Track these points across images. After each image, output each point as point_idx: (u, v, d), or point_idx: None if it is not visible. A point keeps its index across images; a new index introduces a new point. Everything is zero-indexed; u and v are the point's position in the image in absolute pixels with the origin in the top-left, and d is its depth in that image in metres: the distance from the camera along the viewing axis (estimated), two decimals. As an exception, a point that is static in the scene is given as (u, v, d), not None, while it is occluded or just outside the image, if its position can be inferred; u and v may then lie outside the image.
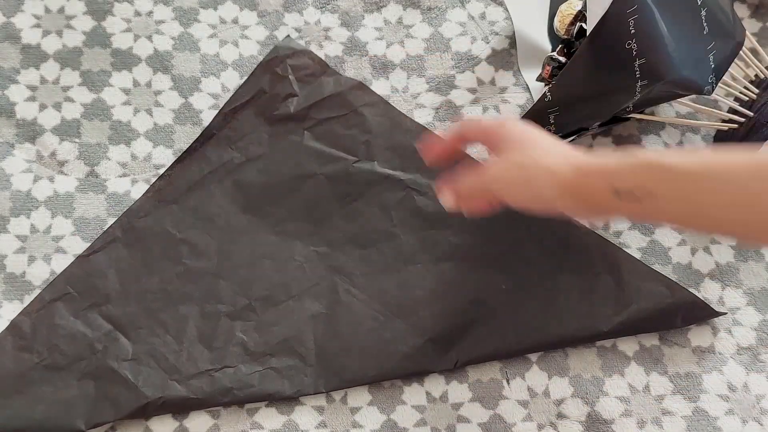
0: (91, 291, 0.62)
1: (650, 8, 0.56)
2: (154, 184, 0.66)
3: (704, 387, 0.63)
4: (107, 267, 0.63)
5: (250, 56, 0.72)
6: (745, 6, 0.75)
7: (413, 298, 0.63)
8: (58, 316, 0.61)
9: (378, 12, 0.75)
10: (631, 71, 0.57)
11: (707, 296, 0.66)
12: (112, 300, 0.62)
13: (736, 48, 0.63)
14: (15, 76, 0.70)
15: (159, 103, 0.70)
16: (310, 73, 0.69)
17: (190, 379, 0.60)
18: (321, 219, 0.65)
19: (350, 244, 0.64)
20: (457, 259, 0.64)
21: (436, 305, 0.63)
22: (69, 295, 0.62)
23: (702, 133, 0.71)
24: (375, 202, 0.65)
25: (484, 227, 0.64)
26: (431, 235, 0.65)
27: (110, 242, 0.64)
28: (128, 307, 0.62)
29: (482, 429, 0.61)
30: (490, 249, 0.64)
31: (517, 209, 0.51)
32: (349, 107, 0.68)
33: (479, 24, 0.75)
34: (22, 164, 0.67)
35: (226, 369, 0.60)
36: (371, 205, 0.65)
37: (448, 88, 0.72)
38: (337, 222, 0.65)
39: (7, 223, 0.65)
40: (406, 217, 0.65)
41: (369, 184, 0.66)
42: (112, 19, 0.72)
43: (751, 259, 0.67)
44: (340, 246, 0.64)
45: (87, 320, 0.61)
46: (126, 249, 0.64)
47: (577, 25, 0.67)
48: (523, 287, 0.63)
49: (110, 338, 0.61)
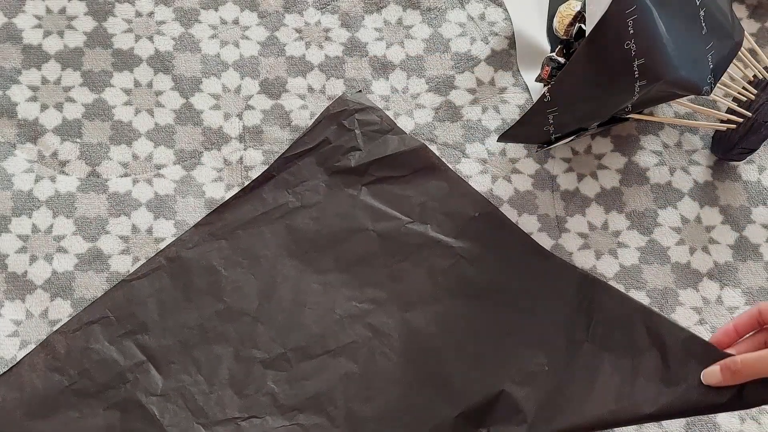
0: (129, 318, 0.62)
1: (649, 9, 0.56)
2: (207, 217, 0.66)
3: (703, 386, 0.63)
4: (148, 295, 0.62)
5: (251, 56, 0.72)
6: (743, 6, 0.76)
7: (449, 367, 0.60)
8: (93, 339, 0.61)
9: (378, 13, 0.75)
10: (630, 71, 0.57)
11: (706, 295, 0.66)
12: (149, 329, 0.61)
13: (735, 48, 0.63)
14: (16, 77, 0.70)
15: (160, 104, 0.70)
16: (376, 130, 0.69)
17: (215, 425, 0.58)
18: (367, 275, 0.63)
19: (393, 304, 0.62)
20: (501, 334, 0.61)
21: (472, 378, 0.59)
22: (107, 319, 0.62)
23: (700, 134, 0.72)
24: (423, 265, 0.63)
25: (532, 305, 0.62)
26: (476, 305, 0.62)
27: (155, 269, 0.64)
28: (164, 339, 0.61)
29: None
30: (536, 328, 0.61)
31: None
32: (410, 168, 0.67)
33: (479, 24, 0.75)
34: (24, 164, 0.67)
35: (253, 419, 0.58)
36: (419, 267, 0.63)
37: (448, 88, 0.73)
38: (382, 280, 0.63)
39: (8, 222, 0.65)
40: (452, 284, 0.63)
41: (419, 247, 0.64)
42: (113, 20, 0.73)
43: (749, 259, 0.67)
44: (382, 305, 0.62)
45: (121, 347, 0.60)
46: (169, 279, 0.63)
47: (576, 25, 0.67)
48: (566, 367, 0.58)
49: (142, 369, 0.60)
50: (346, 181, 0.67)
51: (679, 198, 0.69)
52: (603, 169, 0.70)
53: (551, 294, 0.61)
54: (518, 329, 0.61)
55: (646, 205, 0.69)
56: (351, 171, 0.67)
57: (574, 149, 0.71)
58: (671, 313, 0.65)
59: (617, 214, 0.69)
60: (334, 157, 0.68)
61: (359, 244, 0.65)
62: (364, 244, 0.65)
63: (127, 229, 0.66)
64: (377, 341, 0.61)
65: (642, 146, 0.71)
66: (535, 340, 0.60)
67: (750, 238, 0.68)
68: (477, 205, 0.66)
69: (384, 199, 0.66)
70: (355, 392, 0.59)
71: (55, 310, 0.63)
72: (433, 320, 0.62)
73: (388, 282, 0.63)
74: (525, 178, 0.70)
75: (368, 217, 0.66)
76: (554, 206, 0.69)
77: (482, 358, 0.60)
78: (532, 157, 0.70)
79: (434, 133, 0.71)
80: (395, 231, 0.65)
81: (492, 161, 0.70)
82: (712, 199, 0.69)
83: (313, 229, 0.65)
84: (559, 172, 0.70)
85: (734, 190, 0.70)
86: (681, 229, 0.68)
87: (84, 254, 0.65)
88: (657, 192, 0.69)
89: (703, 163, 0.71)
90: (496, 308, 0.62)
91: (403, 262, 0.64)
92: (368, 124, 0.69)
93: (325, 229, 0.65)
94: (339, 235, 0.65)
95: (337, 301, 0.63)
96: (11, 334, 0.62)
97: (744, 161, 0.70)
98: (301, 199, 0.66)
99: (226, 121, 0.70)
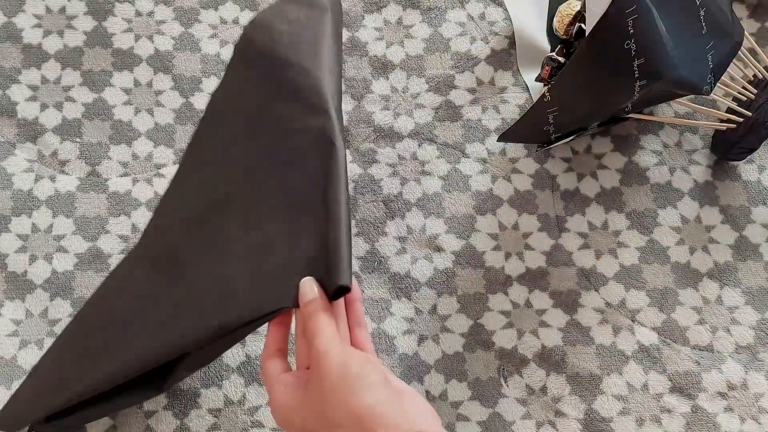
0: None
1: (649, 8, 0.56)
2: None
3: (703, 385, 0.63)
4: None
5: (251, 56, 0.72)
6: (743, 6, 0.76)
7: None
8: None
9: (378, 12, 0.75)
10: (630, 71, 0.57)
11: (706, 295, 0.66)
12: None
13: (735, 48, 0.63)
14: (16, 76, 0.70)
15: (160, 103, 0.70)
16: None
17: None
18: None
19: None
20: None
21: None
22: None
23: (700, 133, 0.72)
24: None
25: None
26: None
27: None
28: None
29: (481, 427, 0.61)
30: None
31: None
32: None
33: (479, 24, 0.75)
34: (24, 164, 0.67)
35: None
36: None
37: (448, 88, 0.72)
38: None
39: (8, 222, 0.65)
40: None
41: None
42: (113, 19, 0.72)
43: (749, 259, 0.67)
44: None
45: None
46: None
47: (576, 25, 0.67)
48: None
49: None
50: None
51: (679, 198, 0.69)
52: (603, 169, 0.70)
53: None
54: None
55: (646, 204, 0.69)
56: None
57: (574, 149, 0.71)
58: (671, 313, 0.65)
59: (617, 214, 0.69)
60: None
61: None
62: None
63: (127, 228, 0.66)
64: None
65: (642, 146, 0.71)
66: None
67: (750, 238, 0.68)
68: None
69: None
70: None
71: (54, 309, 0.63)
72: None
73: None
74: (525, 177, 0.70)
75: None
76: (554, 206, 0.69)
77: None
78: (532, 157, 0.70)
79: (434, 133, 0.71)
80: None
81: (492, 161, 0.70)
82: (712, 199, 0.69)
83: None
84: (559, 171, 0.70)
85: (734, 190, 0.70)
86: (681, 229, 0.68)
87: (84, 254, 0.65)
88: (657, 192, 0.69)
89: (703, 162, 0.71)
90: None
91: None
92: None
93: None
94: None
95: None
96: (11, 334, 0.62)
97: (744, 161, 0.70)
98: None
99: (226, 120, 0.70)
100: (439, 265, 0.66)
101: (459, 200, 0.69)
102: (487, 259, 0.67)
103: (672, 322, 0.65)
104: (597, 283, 0.66)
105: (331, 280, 0.45)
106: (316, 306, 0.44)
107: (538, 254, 0.67)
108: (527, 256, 0.67)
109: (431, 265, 0.66)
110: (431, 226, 0.68)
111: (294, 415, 0.43)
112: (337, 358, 0.42)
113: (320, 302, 0.44)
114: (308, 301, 0.45)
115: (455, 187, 0.69)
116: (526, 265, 0.67)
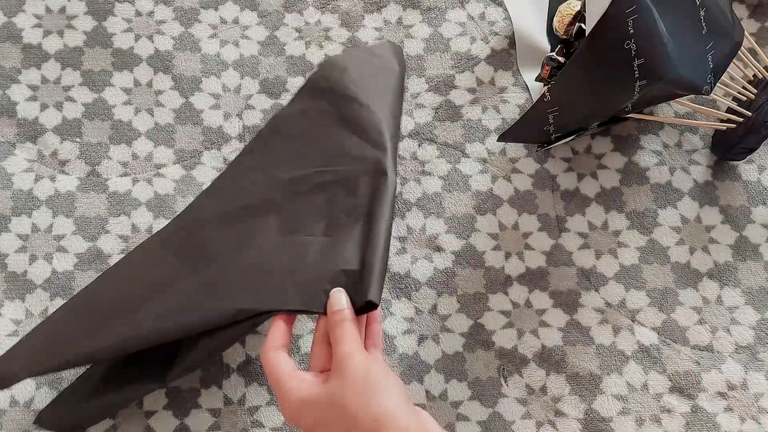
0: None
1: (649, 8, 0.56)
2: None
3: (703, 385, 0.63)
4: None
5: (251, 56, 0.72)
6: (743, 6, 0.76)
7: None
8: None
9: (378, 12, 0.75)
10: (630, 71, 0.57)
11: (706, 295, 0.66)
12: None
13: (735, 48, 0.63)
14: (16, 76, 0.70)
15: (160, 103, 0.70)
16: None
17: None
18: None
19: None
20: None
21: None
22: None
23: (700, 133, 0.72)
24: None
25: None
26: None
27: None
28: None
29: (481, 427, 0.61)
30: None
31: None
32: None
33: (479, 24, 0.75)
34: (24, 164, 0.67)
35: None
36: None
37: (448, 88, 0.72)
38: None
39: (8, 222, 0.65)
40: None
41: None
42: (113, 19, 0.72)
43: (749, 259, 0.67)
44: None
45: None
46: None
47: (576, 25, 0.67)
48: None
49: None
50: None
51: (679, 198, 0.69)
52: (603, 169, 0.70)
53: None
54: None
55: (646, 204, 0.69)
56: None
57: (574, 149, 0.71)
58: (671, 313, 0.65)
59: (617, 214, 0.69)
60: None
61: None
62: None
63: (127, 228, 0.66)
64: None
65: (642, 146, 0.71)
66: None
67: (750, 238, 0.68)
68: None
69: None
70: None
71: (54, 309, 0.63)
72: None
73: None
74: (525, 177, 0.70)
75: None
76: (554, 206, 0.69)
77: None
78: (532, 157, 0.70)
79: (434, 133, 0.71)
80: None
81: (492, 161, 0.70)
82: (712, 199, 0.69)
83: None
84: (559, 171, 0.70)
85: (734, 190, 0.70)
86: (681, 229, 0.68)
87: (84, 254, 0.65)
88: (657, 192, 0.69)
89: (703, 162, 0.71)
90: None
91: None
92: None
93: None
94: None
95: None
96: (11, 334, 0.62)
97: (744, 161, 0.70)
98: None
99: (226, 120, 0.70)
100: (439, 265, 0.66)
101: (459, 200, 0.69)
102: (487, 259, 0.67)
103: (672, 322, 0.65)
104: (597, 283, 0.66)
105: (361, 295, 0.48)
106: (345, 315, 0.47)
107: (538, 254, 0.67)
108: (527, 256, 0.67)
109: (431, 265, 0.66)
110: (431, 225, 0.68)
111: (308, 410, 0.44)
112: (363, 362, 0.44)
113: (348, 313, 0.47)
114: (338, 309, 0.47)
115: (455, 187, 0.69)
116: (526, 265, 0.67)
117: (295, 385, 0.45)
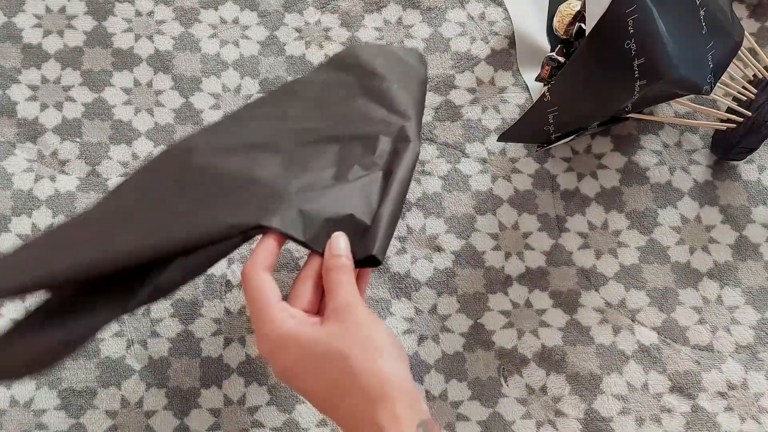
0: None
1: (649, 8, 0.56)
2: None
3: (703, 385, 0.63)
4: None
5: (251, 56, 0.72)
6: (743, 6, 0.76)
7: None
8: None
9: (378, 12, 0.75)
10: (630, 71, 0.58)
11: (706, 295, 0.66)
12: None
13: (735, 48, 0.63)
14: (16, 76, 0.70)
15: (160, 103, 0.70)
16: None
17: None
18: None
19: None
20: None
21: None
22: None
23: (700, 133, 0.72)
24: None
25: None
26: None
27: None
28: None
29: (481, 427, 0.61)
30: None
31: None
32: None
33: (479, 24, 0.75)
34: (24, 163, 0.67)
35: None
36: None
37: (448, 87, 0.73)
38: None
39: (8, 222, 0.65)
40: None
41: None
42: (113, 19, 0.73)
43: (749, 258, 0.67)
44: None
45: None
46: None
47: (576, 25, 0.67)
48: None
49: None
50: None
51: (679, 197, 0.69)
52: (603, 169, 0.70)
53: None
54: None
55: (646, 204, 0.69)
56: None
57: (574, 149, 0.71)
58: (671, 313, 0.65)
59: (617, 214, 0.69)
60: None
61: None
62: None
63: (127, 228, 0.66)
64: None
65: (642, 146, 0.71)
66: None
67: (750, 238, 0.68)
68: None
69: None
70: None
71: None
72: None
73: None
74: (525, 177, 0.70)
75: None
76: (554, 206, 0.69)
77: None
78: (532, 157, 0.70)
79: (434, 133, 0.71)
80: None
81: (492, 161, 0.70)
82: (712, 199, 0.69)
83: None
84: (559, 171, 0.70)
85: (734, 190, 0.70)
86: (681, 229, 0.68)
87: (84, 254, 0.65)
88: (657, 191, 0.69)
89: (703, 162, 0.71)
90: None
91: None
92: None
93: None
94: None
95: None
96: (11, 334, 0.62)
97: (744, 161, 0.70)
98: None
99: (226, 120, 0.70)
100: (439, 265, 0.66)
101: (459, 200, 0.69)
102: (487, 258, 0.67)
103: (672, 322, 0.65)
104: (597, 282, 0.66)
105: (365, 247, 0.45)
106: (344, 261, 0.43)
107: (538, 254, 0.67)
108: (527, 256, 0.67)
109: (431, 265, 0.66)
110: (431, 225, 0.68)
111: (292, 350, 0.40)
112: (368, 317, 0.41)
113: (347, 260, 0.44)
114: (337, 254, 0.44)
115: (455, 186, 0.69)
116: (526, 265, 0.67)
117: (281, 317, 0.41)
